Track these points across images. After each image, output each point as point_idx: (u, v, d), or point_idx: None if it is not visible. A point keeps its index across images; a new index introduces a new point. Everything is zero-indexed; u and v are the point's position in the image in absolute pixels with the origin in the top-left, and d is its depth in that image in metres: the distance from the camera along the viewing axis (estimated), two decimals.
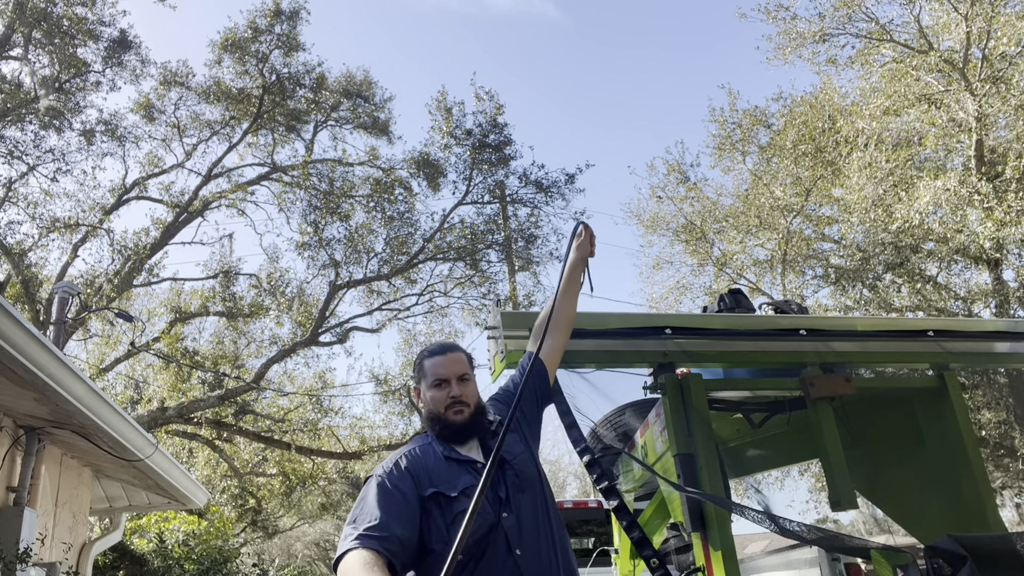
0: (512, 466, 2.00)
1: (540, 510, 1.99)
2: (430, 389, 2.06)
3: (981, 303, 12.80)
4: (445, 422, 2.02)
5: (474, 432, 2.04)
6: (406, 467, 1.94)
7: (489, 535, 1.86)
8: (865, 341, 3.30)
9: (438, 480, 1.92)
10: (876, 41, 13.06)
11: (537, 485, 2.04)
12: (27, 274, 12.97)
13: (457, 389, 2.03)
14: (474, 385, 2.11)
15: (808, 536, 2.63)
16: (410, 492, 1.87)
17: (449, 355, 2.10)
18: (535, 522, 1.95)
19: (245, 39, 14.61)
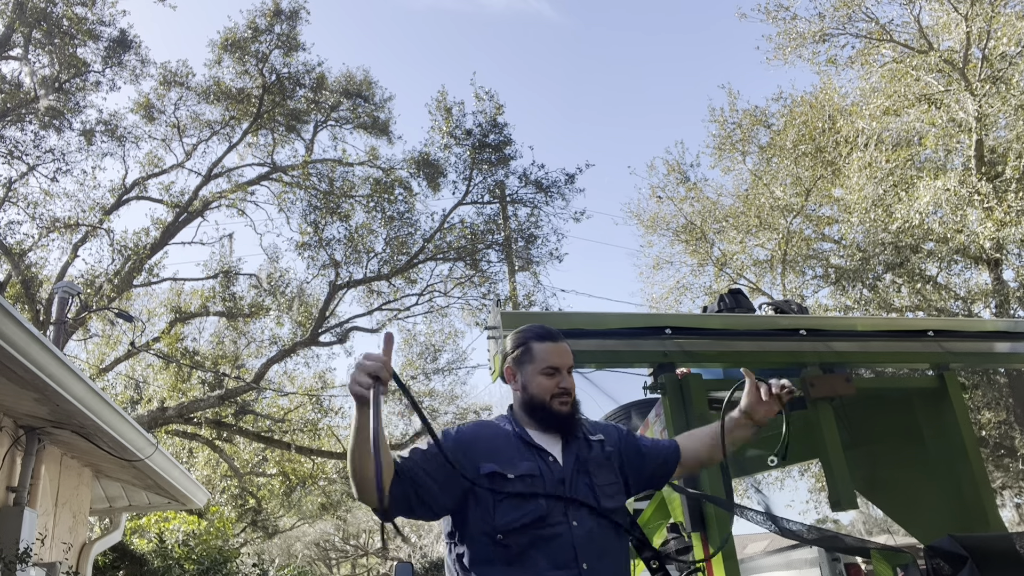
0: (593, 484, 1.91)
1: (616, 556, 1.90)
2: (538, 375, 1.98)
3: (981, 303, 12.80)
4: (549, 411, 1.95)
5: (571, 426, 1.99)
6: (469, 439, 1.91)
7: (545, 529, 1.79)
8: (865, 341, 3.30)
9: (499, 457, 1.86)
10: (876, 41, 13.06)
11: (617, 533, 1.93)
12: (27, 274, 12.97)
13: (568, 381, 1.99)
14: (574, 379, 2.08)
15: (808, 536, 2.63)
16: (462, 461, 1.83)
17: (561, 344, 2.03)
18: (611, 560, 1.86)
19: (245, 39, 14.61)
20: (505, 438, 1.94)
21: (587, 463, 1.94)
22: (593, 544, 1.81)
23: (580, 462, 1.94)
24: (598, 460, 1.97)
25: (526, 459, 1.88)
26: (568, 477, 1.88)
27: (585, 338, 2.93)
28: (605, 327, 3.02)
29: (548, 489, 1.83)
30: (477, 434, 1.95)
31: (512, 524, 1.78)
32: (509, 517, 1.79)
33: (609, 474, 1.98)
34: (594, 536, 1.83)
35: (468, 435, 1.94)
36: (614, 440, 2.09)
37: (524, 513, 1.79)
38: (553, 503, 1.81)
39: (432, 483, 1.78)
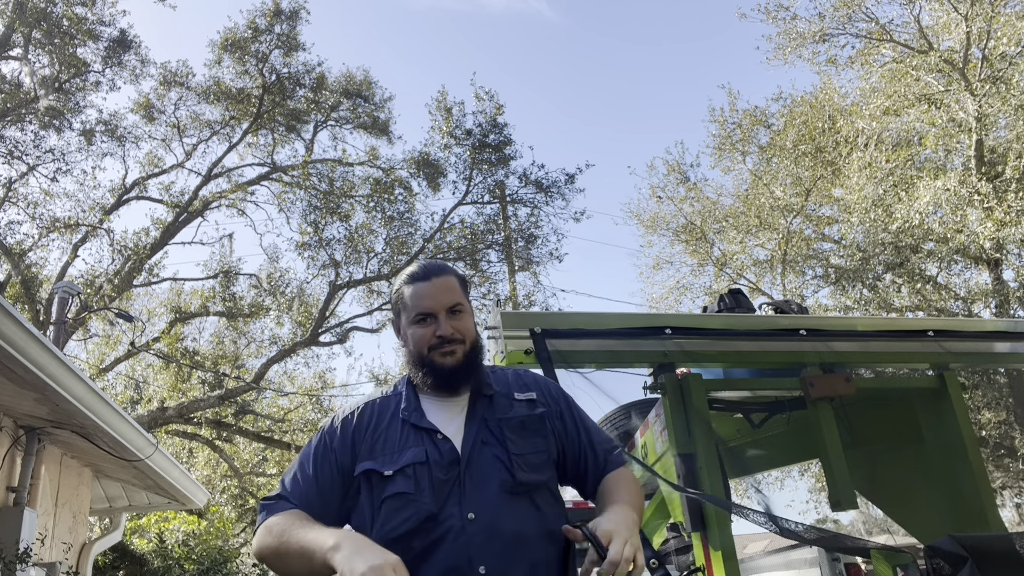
0: (507, 454, 1.53)
1: (539, 547, 1.48)
2: (411, 325, 1.62)
3: (981, 303, 12.81)
4: (432, 366, 1.59)
5: (468, 378, 1.61)
6: (354, 427, 1.60)
7: (436, 530, 1.44)
8: (865, 341, 3.30)
9: (380, 450, 1.54)
10: (876, 41, 13.06)
11: (544, 516, 1.52)
12: (27, 274, 12.97)
13: (446, 325, 1.59)
14: (470, 318, 1.66)
15: (808, 536, 2.63)
16: (344, 462, 1.56)
17: (435, 280, 1.64)
18: (528, 554, 1.45)
19: (245, 39, 14.61)
20: (390, 422, 1.59)
21: (500, 427, 1.57)
22: (499, 539, 1.43)
23: (487, 428, 1.56)
24: (518, 421, 1.59)
25: (411, 445, 1.53)
26: (466, 453, 1.51)
27: (585, 338, 2.93)
28: (605, 327, 3.02)
29: (436, 477, 1.48)
30: (357, 425, 1.60)
31: (392, 533, 1.45)
32: (389, 525, 1.46)
33: (534, 439, 1.58)
34: (501, 527, 1.44)
35: (345, 429, 1.61)
36: (553, 400, 1.70)
37: (405, 518, 1.45)
38: (446, 494, 1.47)
39: (323, 507, 1.53)
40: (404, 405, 1.61)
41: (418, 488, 1.47)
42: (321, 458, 1.57)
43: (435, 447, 1.52)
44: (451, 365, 1.58)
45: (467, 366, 1.60)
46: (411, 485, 1.47)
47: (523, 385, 1.71)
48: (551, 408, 1.68)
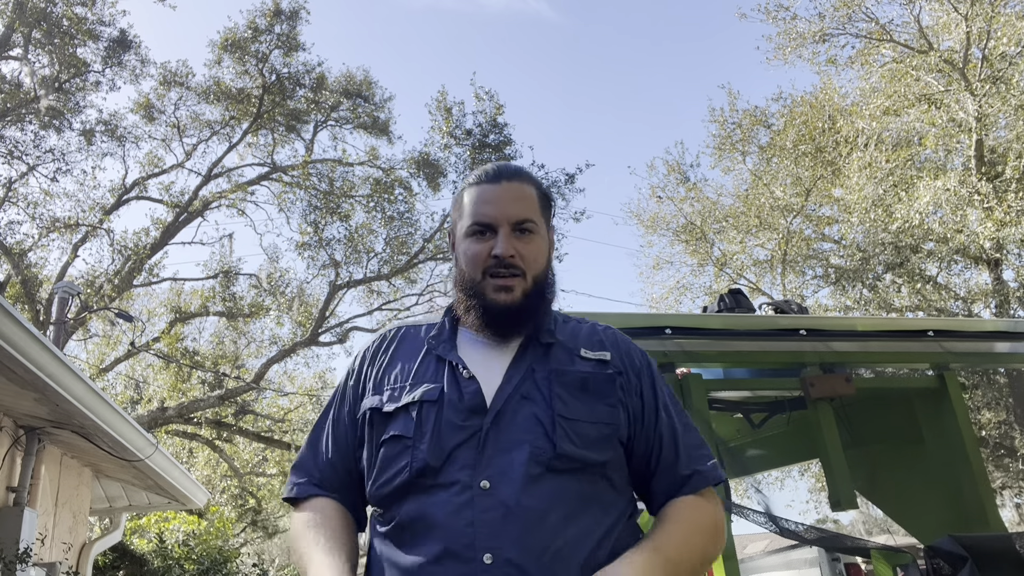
0: (553, 416, 1.13)
1: (579, 532, 1.07)
2: (465, 238, 1.27)
3: (981, 303, 12.81)
4: (481, 297, 1.22)
5: (524, 323, 1.23)
6: (370, 358, 1.32)
7: (426, 501, 1.09)
8: (865, 341, 3.30)
9: (389, 383, 1.23)
10: (876, 41, 13.06)
11: (590, 504, 1.11)
12: (27, 274, 12.97)
13: (507, 243, 1.21)
14: (543, 245, 1.28)
15: (808, 536, 2.63)
16: (356, 408, 1.29)
17: (506, 184, 1.27)
18: (567, 551, 1.05)
19: (245, 39, 14.61)
20: (411, 352, 1.28)
21: (551, 380, 1.18)
22: (517, 521, 1.04)
23: (533, 379, 1.18)
24: (578, 379, 1.20)
25: (426, 380, 1.20)
26: (497, 404, 1.14)
27: None
28: None
29: (447, 421, 1.13)
30: (373, 355, 1.32)
31: (381, 491, 1.16)
32: (379, 481, 1.16)
33: (595, 404, 1.18)
34: (525, 506, 1.05)
35: (362, 365, 1.32)
36: (634, 369, 1.27)
37: (396, 470, 1.13)
38: (455, 447, 1.11)
39: (348, 464, 1.26)
40: (434, 334, 1.28)
41: (418, 432, 1.13)
42: (338, 412, 1.29)
43: (455, 385, 1.17)
44: (504, 303, 1.21)
45: (526, 308, 1.22)
46: (411, 427, 1.14)
47: (597, 342, 1.29)
48: (629, 379, 1.25)
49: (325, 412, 1.33)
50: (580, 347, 1.27)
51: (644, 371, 1.29)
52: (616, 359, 1.27)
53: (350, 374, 1.33)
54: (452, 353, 1.23)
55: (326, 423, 1.31)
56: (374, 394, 1.24)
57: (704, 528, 1.17)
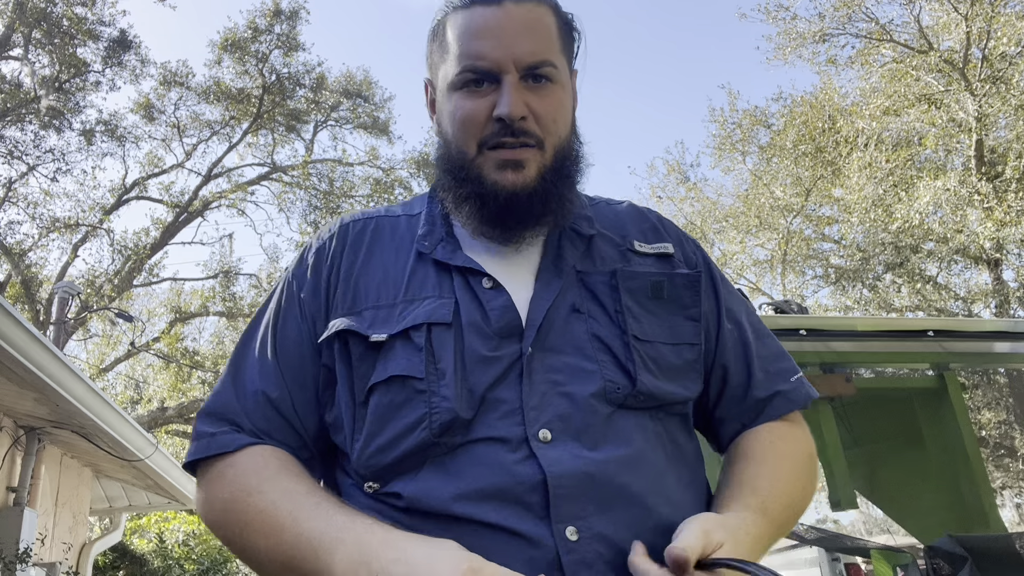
0: (625, 331, 0.83)
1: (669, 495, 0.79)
2: (451, 91, 0.88)
3: (981, 303, 12.81)
4: (478, 181, 0.86)
5: (542, 216, 0.87)
6: (330, 256, 0.92)
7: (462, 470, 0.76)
8: (865, 341, 3.30)
9: (368, 298, 0.86)
10: (876, 41, 13.06)
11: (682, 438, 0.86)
12: (27, 274, 12.97)
13: (514, 99, 0.83)
14: (564, 96, 0.89)
15: (808, 536, 2.63)
16: (318, 322, 0.88)
17: (509, 6, 0.86)
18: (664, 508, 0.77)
19: (245, 39, 14.62)
20: (395, 255, 0.90)
21: (612, 287, 0.87)
22: (603, 480, 0.75)
23: (583, 285, 0.87)
24: (651, 283, 0.89)
25: (426, 295, 0.85)
26: (536, 318, 0.82)
27: None
28: None
29: (473, 353, 0.80)
30: (334, 255, 0.92)
31: (382, 456, 0.79)
32: (374, 446, 0.79)
33: (675, 319, 0.88)
34: (608, 463, 0.76)
35: (318, 264, 0.92)
36: (694, 257, 0.97)
37: (406, 427, 0.78)
38: (489, 386, 0.79)
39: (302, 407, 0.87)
40: (423, 231, 0.91)
41: (433, 370, 0.78)
42: (281, 332, 0.88)
43: (474, 299, 0.83)
44: (513, 186, 0.83)
45: (544, 194, 0.85)
46: (419, 363, 0.78)
47: (651, 229, 0.97)
48: (700, 268, 0.95)
49: (254, 333, 0.90)
50: (631, 236, 0.94)
51: (703, 264, 0.96)
52: (679, 252, 0.95)
53: (300, 279, 0.90)
54: (459, 255, 0.86)
55: (263, 347, 0.87)
56: (348, 314, 0.84)
57: (802, 466, 0.88)
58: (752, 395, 0.92)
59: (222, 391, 0.88)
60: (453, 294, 0.84)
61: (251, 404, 0.85)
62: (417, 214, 0.96)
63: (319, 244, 0.94)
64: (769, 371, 0.94)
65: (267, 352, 0.88)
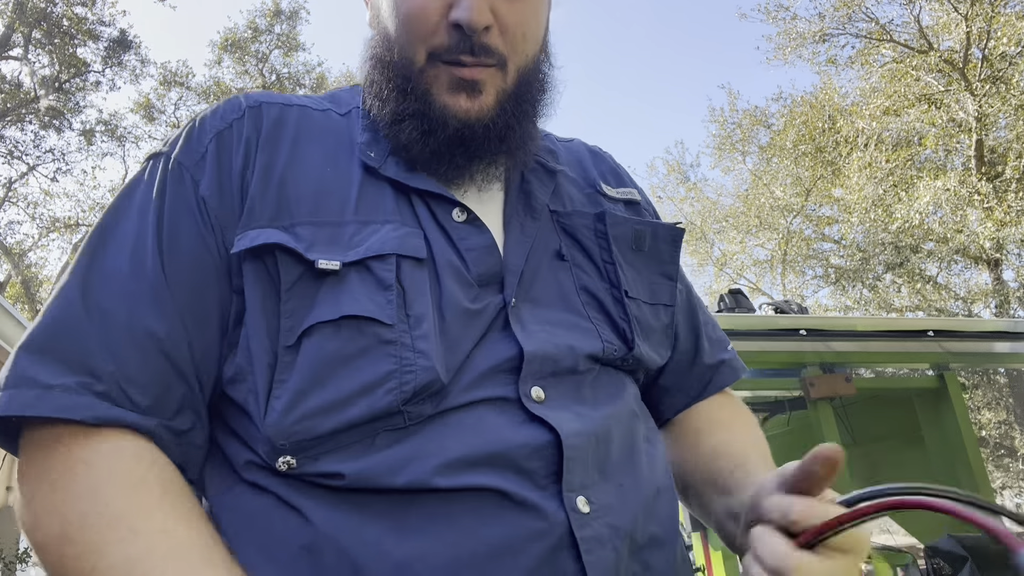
0: (607, 289, 0.73)
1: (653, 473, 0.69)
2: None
3: (981, 303, 12.81)
4: (425, 102, 0.68)
5: (493, 152, 0.70)
6: (243, 146, 0.68)
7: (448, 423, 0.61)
8: (865, 341, 3.30)
9: (304, 209, 0.65)
10: (876, 41, 13.07)
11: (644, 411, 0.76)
12: (27, 274, 12.97)
13: (475, 3, 0.65)
14: (537, 5, 0.71)
15: None
16: (227, 235, 0.64)
17: None
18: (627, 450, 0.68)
19: (245, 39, 14.63)
20: (332, 157, 0.70)
21: (600, 233, 0.76)
22: (603, 446, 0.65)
23: (561, 228, 0.75)
24: (635, 235, 0.78)
25: (387, 219, 0.67)
26: (516, 263, 0.70)
27: None
28: None
29: (449, 300, 0.64)
30: (248, 144, 0.68)
31: (318, 422, 0.59)
32: (318, 402, 0.59)
33: (656, 278, 0.78)
34: (607, 427, 0.66)
35: (223, 154, 0.67)
36: (651, 208, 0.88)
37: (365, 385, 0.59)
38: (473, 346, 0.64)
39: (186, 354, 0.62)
40: (365, 138, 0.71)
41: (405, 316, 0.61)
42: (171, 224, 0.64)
43: (444, 235, 0.68)
44: (465, 115, 0.67)
45: (503, 126, 0.69)
46: (385, 304, 0.61)
47: (611, 172, 0.86)
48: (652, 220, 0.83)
49: (114, 233, 0.63)
50: (597, 180, 0.82)
51: (656, 217, 0.86)
52: (644, 199, 0.85)
53: (195, 169, 0.66)
54: (418, 176, 0.69)
55: (137, 258, 0.61)
56: (273, 225, 0.63)
57: (760, 434, 0.82)
58: (700, 363, 0.84)
59: (65, 314, 0.59)
60: (419, 224, 0.67)
61: (123, 343, 0.58)
62: (348, 113, 0.74)
63: (222, 125, 0.68)
64: (713, 339, 0.87)
65: (145, 265, 0.61)
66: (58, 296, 0.60)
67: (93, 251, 0.62)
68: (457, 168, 0.69)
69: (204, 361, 0.62)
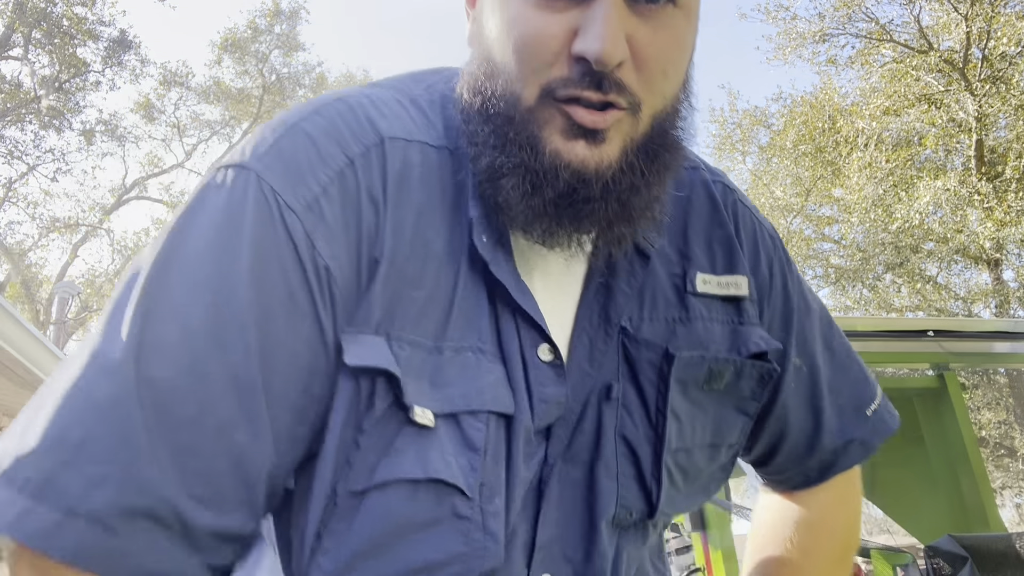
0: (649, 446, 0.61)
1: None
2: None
3: (981, 303, 12.81)
4: (532, 147, 0.53)
5: (610, 218, 0.55)
6: (374, 212, 0.53)
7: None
8: (865, 341, 3.30)
9: (415, 317, 0.53)
10: (876, 41, 13.06)
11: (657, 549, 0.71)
12: (27, 274, 12.97)
13: (613, 29, 0.49)
14: (684, 31, 0.55)
15: None
16: (325, 324, 0.50)
17: None
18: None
19: (245, 39, 14.63)
20: (447, 224, 0.57)
21: (661, 371, 0.62)
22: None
23: (628, 359, 0.62)
24: (708, 375, 0.64)
25: (468, 340, 0.55)
26: (571, 416, 0.59)
27: None
28: None
29: (515, 462, 0.55)
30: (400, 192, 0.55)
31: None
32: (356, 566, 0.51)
33: (724, 413, 0.67)
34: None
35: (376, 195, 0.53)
36: (767, 282, 0.71)
37: (414, 564, 0.51)
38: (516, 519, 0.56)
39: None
40: (478, 211, 0.57)
41: (487, 490, 0.54)
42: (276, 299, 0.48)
43: (521, 370, 0.57)
44: (582, 166, 0.53)
45: (630, 181, 0.55)
46: (469, 471, 0.53)
47: (724, 243, 0.69)
48: (764, 311, 0.70)
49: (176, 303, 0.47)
50: (696, 263, 0.66)
51: (779, 289, 0.71)
52: (752, 283, 0.68)
53: (314, 224, 0.50)
54: (528, 297, 0.57)
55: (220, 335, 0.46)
56: (383, 333, 0.52)
57: (849, 539, 0.76)
58: (820, 448, 0.73)
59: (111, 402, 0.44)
60: (502, 355, 0.56)
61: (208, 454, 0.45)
62: (456, 151, 0.59)
63: (343, 159, 0.52)
64: (845, 410, 0.73)
65: (226, 349, 0.46)
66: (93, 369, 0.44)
67: (147, 312, 0.45)
68: (559, 234, 0.55)
69: (280, 476, 0.50)
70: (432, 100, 0.61)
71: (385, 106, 0.58)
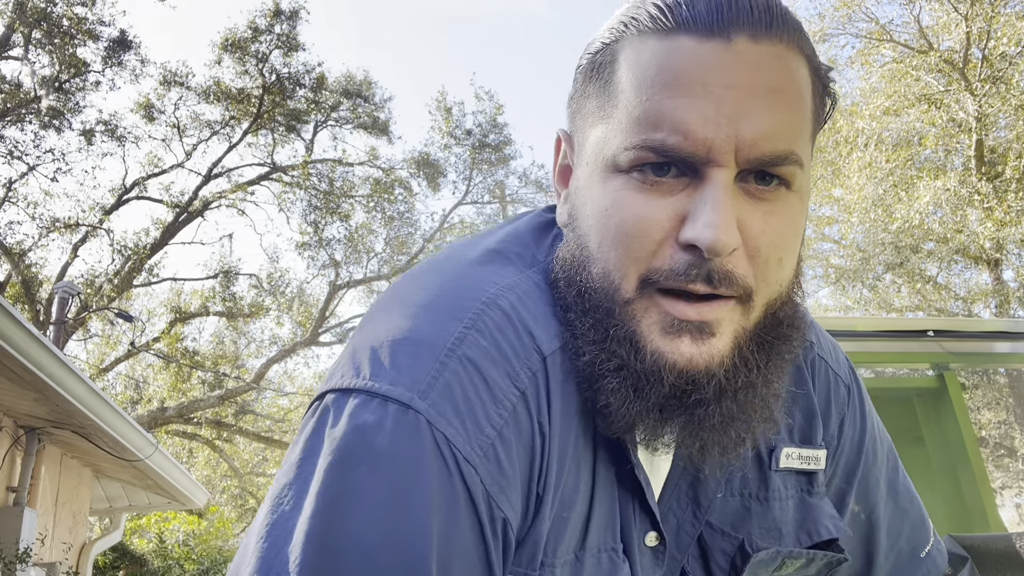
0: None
1: None
2: (612, 173, 0.53)
3: (981, 303, 12.81)
4: (631, 343, 0.51)
5: (721, 422, 0.52)
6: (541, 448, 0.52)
7: None
8: (865, 341, 3.30)
9: (564, 535, 0.54)
10: (876, 41, 13.06)
11: None
12: (27, 274, 12.97)
13: (723, 221, 0.48)
14: (798, 214, 0.56)
15: None
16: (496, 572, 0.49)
17: (745, 45, 0.49)
18: None
19: (245, 39, 14.62)
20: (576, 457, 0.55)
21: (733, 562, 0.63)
22: None
23: (704, 543, 0.63)
24: (783, 559, 0.64)
25: (608, 542, 0.57)
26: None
27: None
28: None
29: None
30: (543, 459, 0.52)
31: None
32: None
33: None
34: None
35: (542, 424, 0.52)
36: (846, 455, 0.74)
37: None
38: None
39: None
40: (615, 421, 0.54)
41: None
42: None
43: (629, 562, 0.58)
44: (688, 366, 0.51)
45: (745, 378, 0.53)
46: None
47: (803, 410, 0.68)
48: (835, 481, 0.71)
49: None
50: (781, 443, 0.64)
51: (848, 442, 0.71)
52: (830, 457, 0.68)
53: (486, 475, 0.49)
54: (650, 490, 0.57)
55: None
56: (532, 571, 0.52)
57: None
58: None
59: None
60: (622, 540, 0.55)
61: None
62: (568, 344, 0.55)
63: (517, 399, 0.50)
64: (902, 553, 0.72)
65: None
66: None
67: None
68: (657, 439, 0.52)
69: None
70: (529, 280, 0.58)
71: (532, 303, 0.55)
